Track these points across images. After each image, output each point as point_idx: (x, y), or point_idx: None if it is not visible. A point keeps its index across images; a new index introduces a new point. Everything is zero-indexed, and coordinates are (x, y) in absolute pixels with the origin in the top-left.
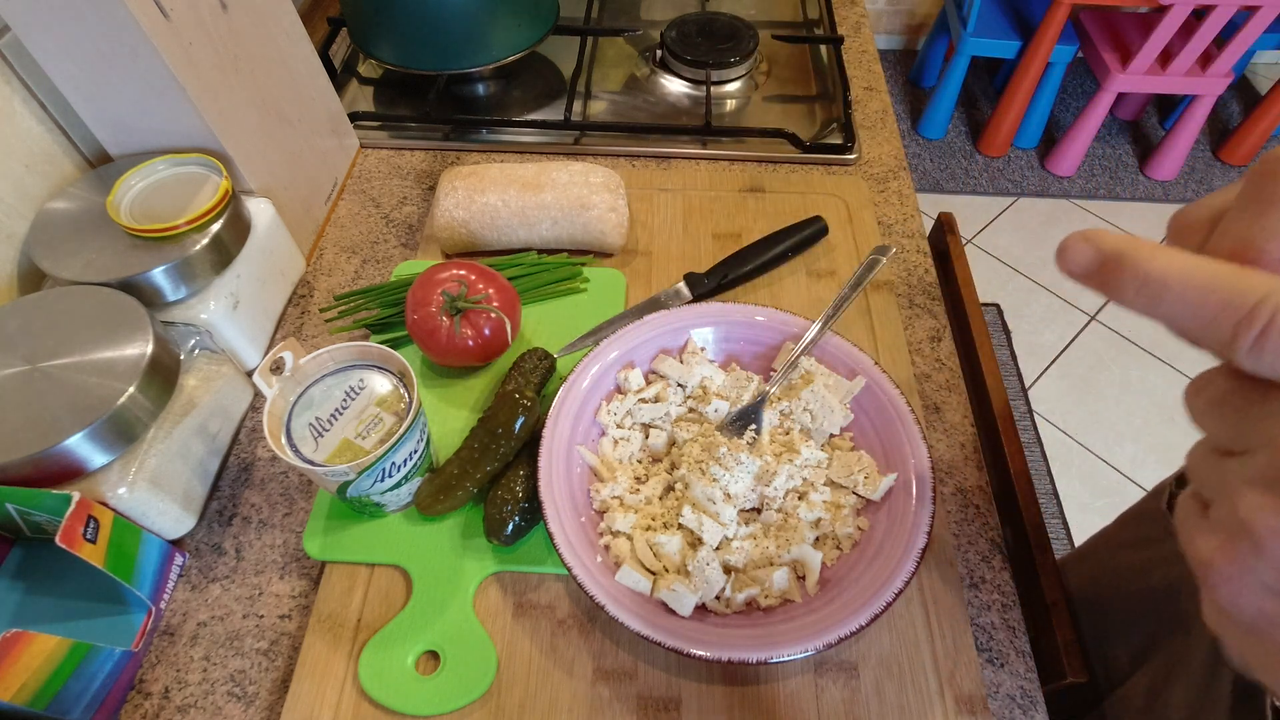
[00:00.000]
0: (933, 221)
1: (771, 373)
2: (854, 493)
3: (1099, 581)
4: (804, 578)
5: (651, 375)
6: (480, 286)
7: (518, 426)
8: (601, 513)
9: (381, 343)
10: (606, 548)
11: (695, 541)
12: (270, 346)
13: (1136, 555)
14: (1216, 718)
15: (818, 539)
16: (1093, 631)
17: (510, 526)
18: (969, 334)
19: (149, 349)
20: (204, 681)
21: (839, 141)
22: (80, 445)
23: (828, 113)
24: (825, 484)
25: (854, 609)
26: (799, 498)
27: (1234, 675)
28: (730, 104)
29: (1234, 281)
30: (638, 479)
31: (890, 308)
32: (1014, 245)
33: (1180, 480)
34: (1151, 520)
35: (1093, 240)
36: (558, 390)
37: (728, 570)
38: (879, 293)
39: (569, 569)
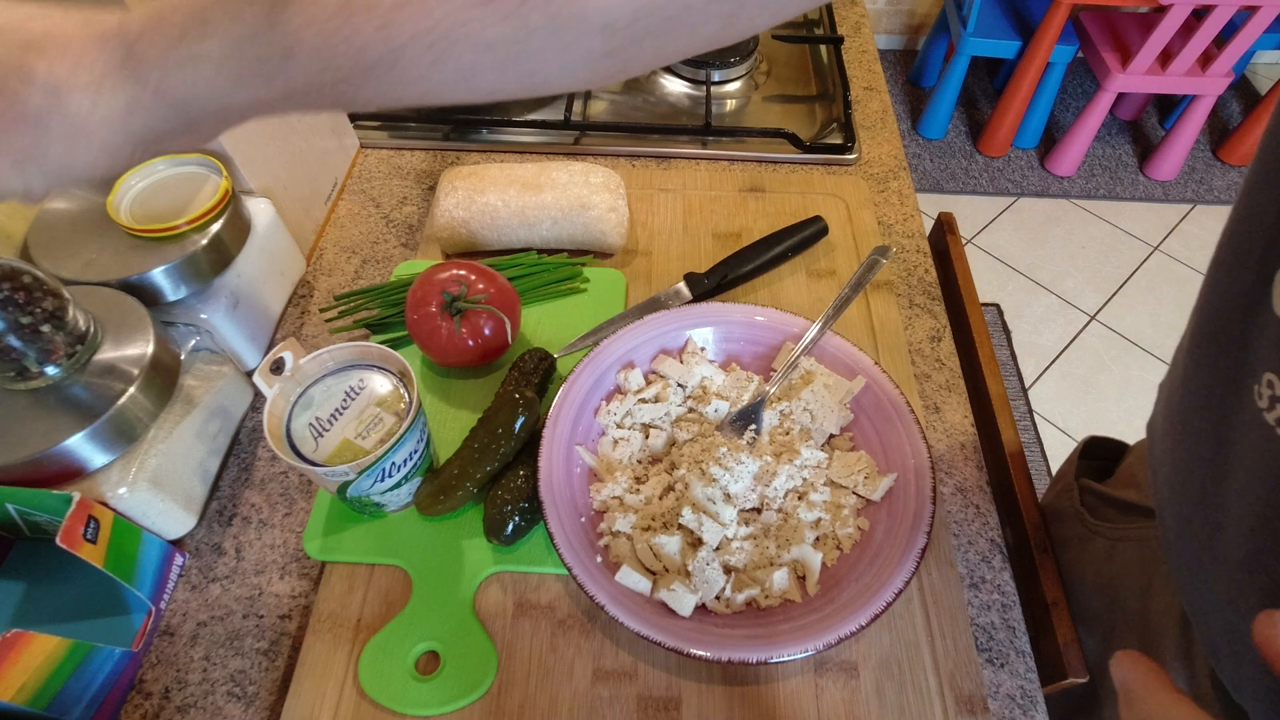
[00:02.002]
0: (933, 221)
1: (771, 372)
2: (854, 493)
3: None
4: (804, 578)
5: (651, 375)
6: (480, 286)
7: (518, 426)
8: (601, 513)
9: (381, 343)
10: (606, 548)
11: (695, 542)
12: (270, 346)
13: (1067, 555)
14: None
15: (818, 539)
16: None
17: (510, 526)
18: (969, 334)
19: (149, 349)
20: (204, 681)
21: (839, 141)
22: (80, 445)
23: (828, 113)
24: (825, 484)
25: (854, 609)
26: (799, 498)
27: (1209, 670)
28: (730, 104)
29: None
30: (637, 479)
31: (890, 308)
32: (1014, 245)
33: (1081, 459)
34: (1072, 519)
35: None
36: (558, 390)
37: (728, 570)
38: (879, 293)
39: (569, 569)
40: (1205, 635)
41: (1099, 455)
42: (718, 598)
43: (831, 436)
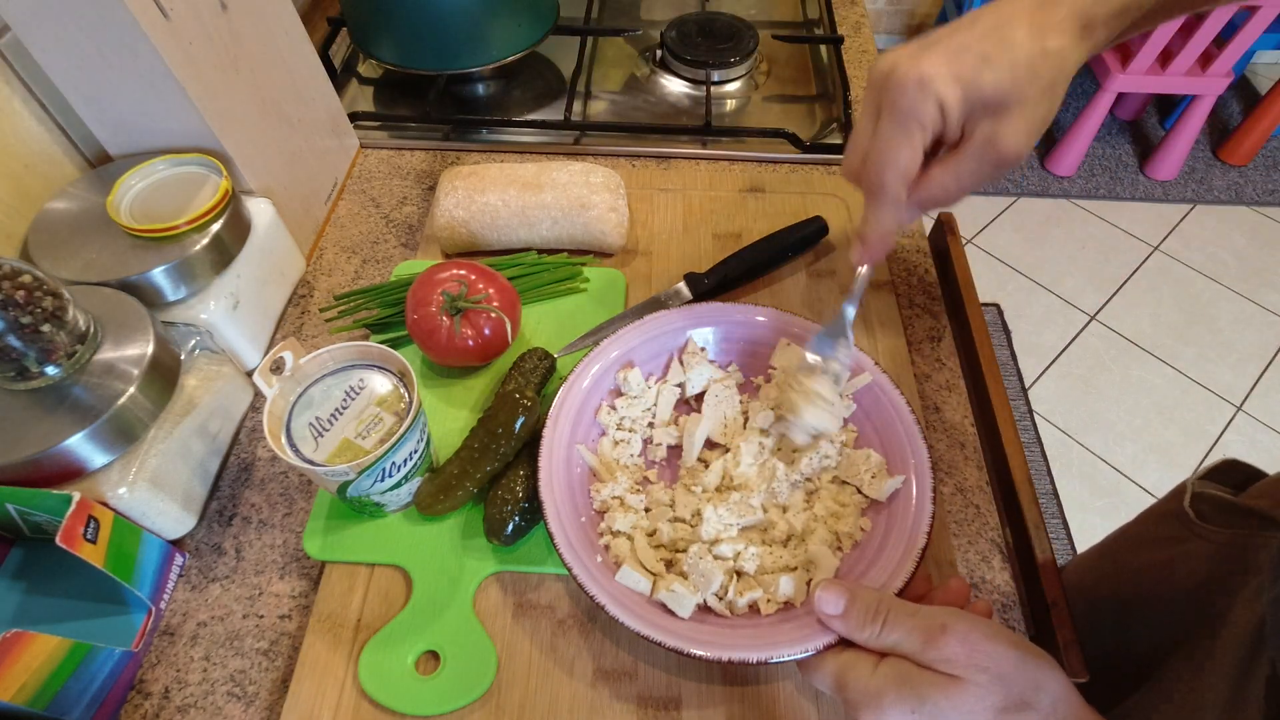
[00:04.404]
0: (933, 222)
1: (771, 370)
2: (859, 491)
3: (1120, 578)
4: (810, 581)
5: (651, 376)
6: (480, 286)
7: (518, 426)
8: (601, 513)
9: (381, 343)
10: (606, 548)
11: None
12: (270, 346)
13: (1159, 554)
14: (1251, 709)
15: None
16: (1115, 628)
17: (510, 526)
18: (969, 334)
19: (149, 349)
20: (204, 681)
21: (839, 141)
22: (80, 445)
23: (828, 113)
24: (832, 481)
25: None
26: (806, 497)
27: (1267, 675)
28: (730, 104)
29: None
30: (637, 481)
31: (890, 308)
32: (1014, 245)
33: (1201, 478)
34: (1174, 520)
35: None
36: (558, 390)
37: (736, 575)
38: (879, 293)
39: (569, 569)
40: None
41: (1225, 480)
42: (720, 597)
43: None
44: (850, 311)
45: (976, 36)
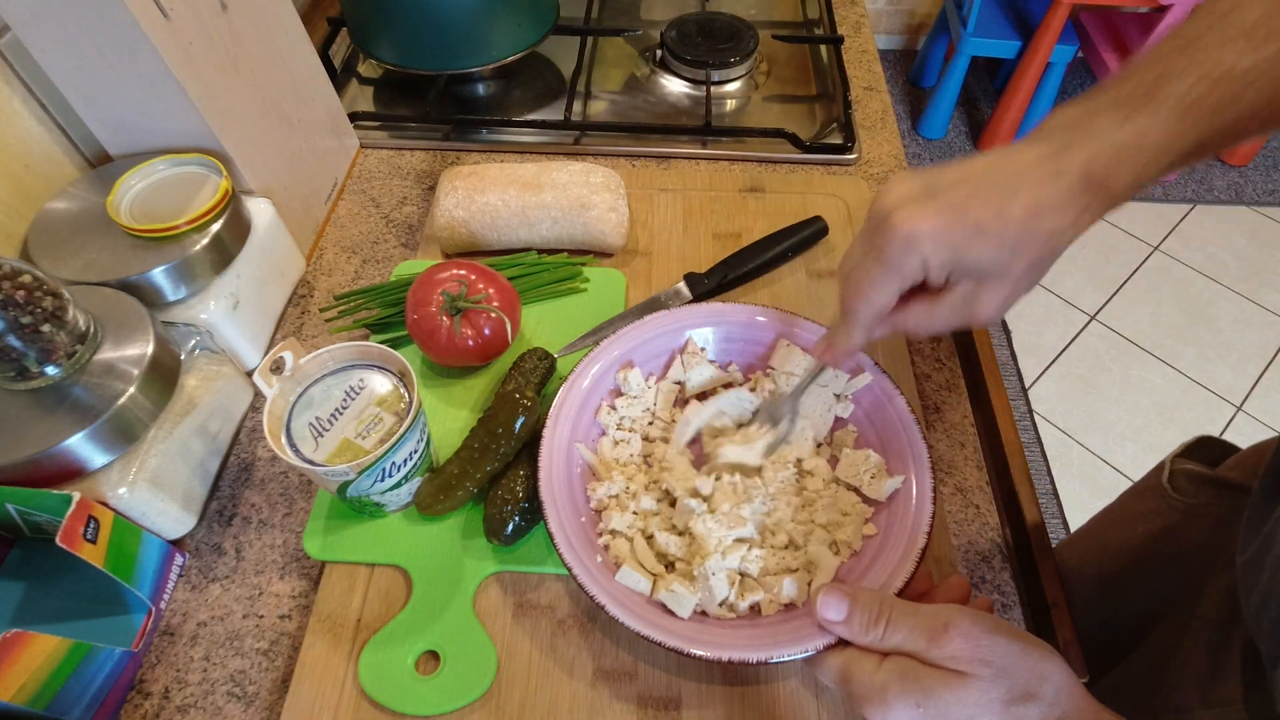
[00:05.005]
0: None
1: (770, 370)
2: (861, 499)
3: (1105, 556)
4: (811, 581)
5: (650, 376)
6: (480, 286)
7: (518, 426)
8: (599, 511)
9: (381, 343)
10: (606, 548)
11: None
12: (270, 346)
13: (1143, 528)
14: (1229, 676)
15: (831, 543)
16: (1104, 602)
17: (510, 526)
18: (969, 334)
19: (149, 349)
20: (204, 681)
21: (839, 141)
22: (80, 445)
23: (828, 113)
24: (830, 483)
25: None
26: (803, 506)
27: (1243, 638)
28: (730, 104)
29: (872, 613)
30: (633, 479)
31: None
32: None
33: (1179, 455)
34: (1155, 494)
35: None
36: (558, 390)
37: (739, 577)
38: None
39: (569, 569)
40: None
41: (1202, 456)
42: (720, 604)
43: (834, 432)
44: (798, 403)
45: (979, 199)
